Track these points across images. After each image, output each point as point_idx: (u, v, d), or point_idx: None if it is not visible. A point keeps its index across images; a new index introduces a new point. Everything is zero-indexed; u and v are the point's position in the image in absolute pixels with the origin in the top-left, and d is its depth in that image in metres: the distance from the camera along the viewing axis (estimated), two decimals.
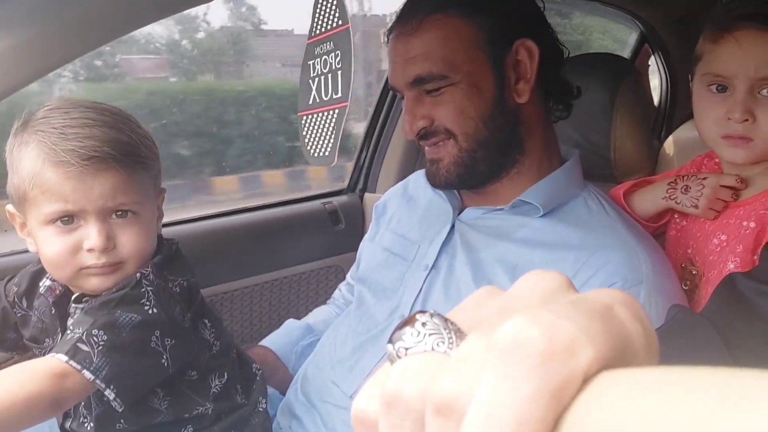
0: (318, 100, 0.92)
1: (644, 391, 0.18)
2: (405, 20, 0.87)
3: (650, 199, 0.97)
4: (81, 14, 0.80)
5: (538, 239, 0.85)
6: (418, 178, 1.12)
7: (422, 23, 0.84)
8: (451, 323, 0.23)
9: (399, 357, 0.23)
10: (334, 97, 0.88)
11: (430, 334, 0.22)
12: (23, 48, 0.79)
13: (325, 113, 0.90)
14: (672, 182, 0.94)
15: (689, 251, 0.91)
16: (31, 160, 0.71)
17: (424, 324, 0.23)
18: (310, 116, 0.94)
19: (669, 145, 1.46)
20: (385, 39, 0.92)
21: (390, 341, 0.23)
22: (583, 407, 0.19)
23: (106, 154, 0.70)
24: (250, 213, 1.49)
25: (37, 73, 0.81)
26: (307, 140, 0.95)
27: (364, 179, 1.68)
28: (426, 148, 0.91)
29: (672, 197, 0.93)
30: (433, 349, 0.22)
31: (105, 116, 0.73)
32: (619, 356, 0.20)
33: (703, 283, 0.88)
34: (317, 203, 1.58)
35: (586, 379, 0.19)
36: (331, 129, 0.89)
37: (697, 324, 0.56)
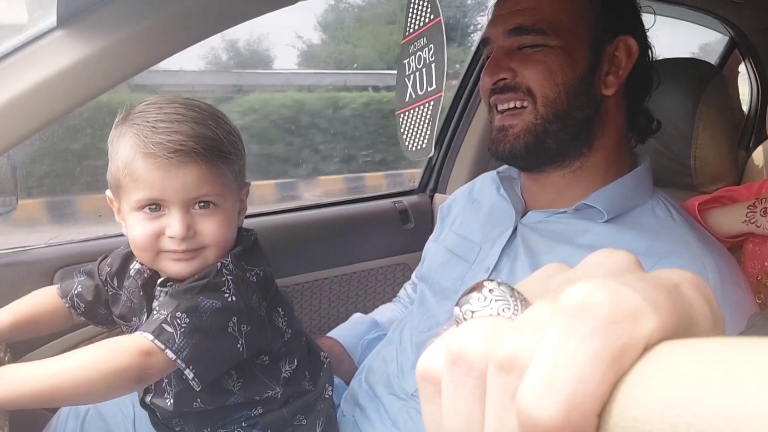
0: (414, 96, 0.94)
1: (703, 360, 0.18)
2: None
3: (728, 220, 0.93)
4: (183, 10, 0.86)
5: (602, 245, 0.83)
6: (484, 180, 1.13)
7: None
8: (518, 292, 0.24)
9: (465, 319, 0.23)
10: (429, 89, 0.89)
11: (496, 300, 0.23)
12: (131, 41, 0.86)
13: (421, 107, 0.92)
14: (751, 206, 0.90)
15: (767, 264, 0.88)
16: (125, 151, 0.77)
17: (491, 290, 0.24)
18: (407, 113, 0.96)
19: (758, 155, 1.39)
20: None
21: (457, 304, 0.24)
22: (641, 373, 0.19)
23: (190, 149, 0.75)
24: (324, 209, 1.54)
25: (143, 65, 0.88)
26: (404, 136, 0.97)
27: (434, 180, 1.69)
28: (497, 114, 0.89)
29: (752, 221, 0.89)
30: (498, 314, 0.23)
31: (194, 112, 0.78)
32: (682, 332, 0.20)
33: None
34: (388, 202, 1.61)
35: (647, 348, 0.19)
36: (427, 120, 0.90)
37: None
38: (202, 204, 0.79)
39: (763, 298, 0.86)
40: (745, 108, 1.93)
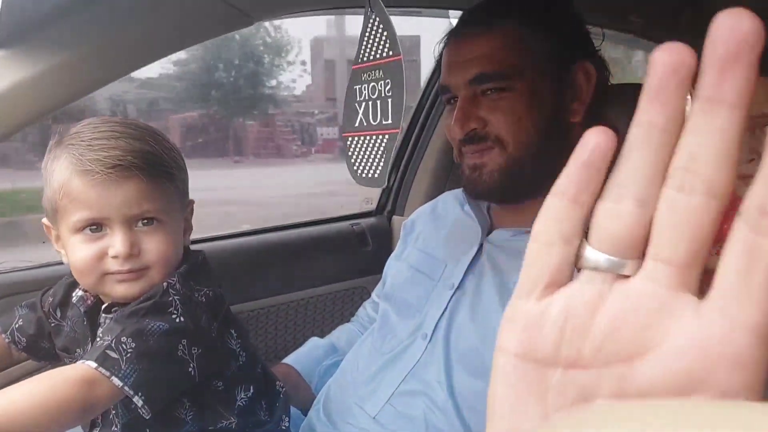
0: (365, 124, 0.92)
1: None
2: (473, 23, 0.88)
3: None
4: (133, 33, 0.83)
5: None
6: (447, 198, 1.13)
7: (492, 28, 0.86)
8: None
9: None
10: (384, 122, 0.88)
11: None
12: (77, 64, 0.83)
13: (374, 137, 0.90)
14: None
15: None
16: (60, 172, 0.73)
17: None
18: (356, 138, 0.94)
19: None
20: (441, 43, 0.94)
21: None
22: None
23: (129, 163, 0.72)
24: (278, 232, 1.51)
25: (89, 88, 0.85)
26: (354, 161, 0.95)
27: (392, 202, 1.69)
28: (468, 153, 0.90)
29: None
30: None
31: (131, 129, 0.75)
32: None
33: None
34: (345, 224, 1.59)
35: None
36: (380, 153, 0.89)
37: None
38: (145, 221, 0.76)
39: None
40: None
